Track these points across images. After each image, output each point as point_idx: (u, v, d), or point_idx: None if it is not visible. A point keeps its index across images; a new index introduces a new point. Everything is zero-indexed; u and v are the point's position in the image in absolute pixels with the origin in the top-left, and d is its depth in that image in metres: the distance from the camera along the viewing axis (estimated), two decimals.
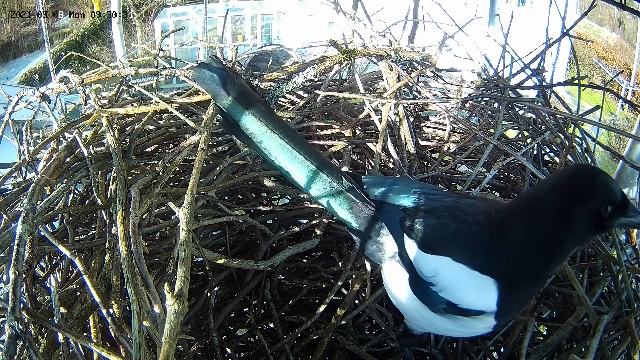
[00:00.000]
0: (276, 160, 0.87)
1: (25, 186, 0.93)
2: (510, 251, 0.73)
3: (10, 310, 0.61)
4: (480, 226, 0.76)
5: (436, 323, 0.81)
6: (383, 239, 0.85)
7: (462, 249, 0.76)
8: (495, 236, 0.75)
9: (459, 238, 0.77)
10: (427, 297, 0.79)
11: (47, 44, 4.95)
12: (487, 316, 0.75)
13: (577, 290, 0.94)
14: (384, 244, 0.85)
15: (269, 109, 0.90)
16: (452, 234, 0.77)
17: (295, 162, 0.86)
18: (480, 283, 0.73)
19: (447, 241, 0.77)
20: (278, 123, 0.87)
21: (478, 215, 0.77)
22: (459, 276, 0.74)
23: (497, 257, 0.74)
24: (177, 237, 0.68)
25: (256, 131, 0.86)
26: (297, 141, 0.87)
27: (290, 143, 0.86)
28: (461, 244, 0.76)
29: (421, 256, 0.78)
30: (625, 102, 5.43)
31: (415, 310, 0.82)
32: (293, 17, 10.76)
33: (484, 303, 0.73)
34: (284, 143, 0.86)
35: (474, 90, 1.31)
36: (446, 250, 0.76)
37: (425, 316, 0.81)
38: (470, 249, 0.76)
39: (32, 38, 13.15)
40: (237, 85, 0.87)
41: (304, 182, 0.86)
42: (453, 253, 0.76)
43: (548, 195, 0.72)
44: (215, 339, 1.13)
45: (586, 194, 0.69)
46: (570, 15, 7.03)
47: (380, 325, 1.17)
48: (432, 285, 0.76)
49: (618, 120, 10.27)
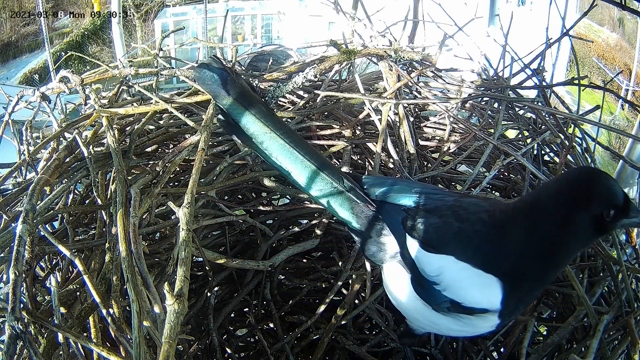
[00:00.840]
0: (277, 161, 0.87)
1: (25, 186, 0.93)
2: (514, 251, 0.73)
3: (10, 310, 0.61)
4: (484, 225, 0.76)
5: (439, 323, 0.81)
6: (384, 239, 0.85)
7: (465, 247, 0.76)
8: (499, 236, 0.75)
9: (462, 237, 0.76)
10: (430, 297, 0.79)
11: (47, 44, 4.96)
12: (491, 315, 0.75)
13: (577, 290, 0.94)
14: (385, 244, 0.85)
15: (269, 109, 0.90)
16: (455, 233, 0.77)
17: (295, 162, 0.86)
18: (484, 282, 0.73)
19: (450, 240, 0.77)
20: (278, 124, 0.87)
21: (482, 214, 0.77)
22: (463, 275, 0.74)
23: (500, 256, 0.74)
24: (177, 237, 0.68)
25: (257, 132, 0.86)
26: (298, 142, 0.87)
27: (290, 144, 0.86)
28: (465, 243, 0.76)
29: (424, 255, 0.78)
30: (625, 102, 5.43)
31: (417, 310, 0.82)
32: (293, 17, 10.76)
33: (488, 301, 0.74)
34: (285, 144, 0.86)
35: (474, 90, 1.31)
36: (450, 249, 0.76)
37: (427, 316, 0.81)
38: (474, 247, 0.76)
39: (32, 38, 13.15)
40: (237, 86, 0.87)
41: (304, 183, 0.86)
42: (457, 252, 0.75)
43: (551, 199, 0.72)
44: (215, 339, 1.13)
45: (589, 199, 0.69)
46: (570, 15, 7.03)
47: (380, 325, 1.17)
48: (435, 285, 0.76)
49: (618, 120, 10.27)
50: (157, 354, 0.56)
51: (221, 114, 0.89)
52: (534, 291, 0.78)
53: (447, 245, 0.77)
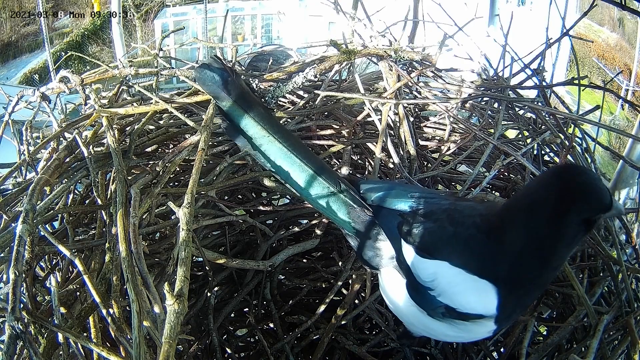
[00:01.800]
0: (275, 165, 0.87)
1: (25, 186, 0.93)
2: (508, 256, 0.73)
3: (10, 310, 0.61)
4: (478, 230, 0.75)
5: (434, 328, 0.80)
6: (380, 244, 0.84)
7: (460, 252, 0.75)
8: (493, 240, 0.74)
9: (457, 241, 0.76)
10: (425, 302, 0.78)
11: (47, 44, 4.96)
12: (487, 320, 0.75)
13: (577, 290, 0.94)
14: (382, 249, 0.85)
15: (268, 111, 0.90)
16: (450, 237, 0.77)
17: (293, 166, 0.86)
18: (480, 286, 0.73)
19: (445, 245, 0.77)
20: (276, 126, 0.87)
21: (476, 218, 0.77)
22: (457, 280, 0.74)
23: (495, 260, 0.74)
24: (177, 237, 0.68)
25: (255, 134, 0.86)
26: (295, 145, 0.87)
27: (288, 147, 0.86)
28: (459, 248, 0.76)
29: (419, 261, 0.77)
30: (625, 102, 5.43)
31: (413, 315, 0.82)
32: (293, 17, 10.76)
33: (484, 307, 0.73)
34: (282, 147, 0.86)
35: (474, 90, 1.30)
36: (444, 254, 0.76)
37: (423, 322, 0.81)
38: (468, 252, 0.75)
39: (32, 38, 13.15)
40: (237, 87, 0.87)
41: (301, 187, 0.86)
42: (451, 257, 0.75)
43: (542, 203, 0.71)
44: (215, 339, 1.13)
45: (581, 204, 0.69)
46: (570, 15, 7.04)
47: (380, 325, 1.17)
48: (430, 290, 0.76)
49: (618, 120, 10.27)
50: (157, 354, 0.56)
51: (221, 114, 0.89)
52: (530, 295, 0.78)
53: (442, 250, 0.76)
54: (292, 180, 0.87)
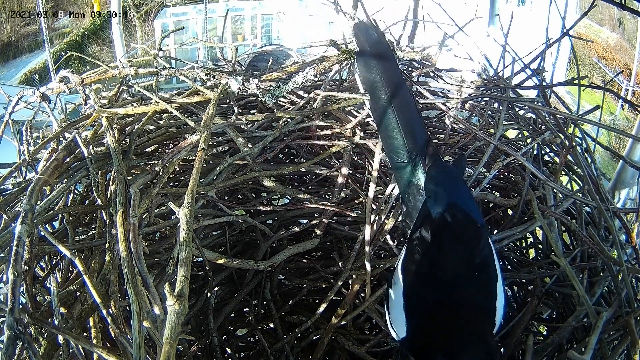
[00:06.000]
0: (381, 122, 0.94)
1: (25, 186, 0.93)
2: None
3: (9, 311, 0.61)
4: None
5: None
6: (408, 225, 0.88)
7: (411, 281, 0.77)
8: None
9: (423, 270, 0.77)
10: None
11: (47, 44, 4.95)
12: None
13: (577, 290, 0.94)
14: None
15: (399, 76, 0.97)
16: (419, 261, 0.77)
17: (391, 124, 0.91)
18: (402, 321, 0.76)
19: (413, 270, 0.78)
20: (394, 87, 0.92)
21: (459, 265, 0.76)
22: (397, 312, 0.77)
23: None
24: (177, 237, 0.68)
25: (377, 90, 0.93)
26: (402, 107, 0.91)
27: (397, 112, 0.90)
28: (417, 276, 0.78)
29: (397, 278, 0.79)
30: (625, 102, 5.43)
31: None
32: (293, 17, 10.75)
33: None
34: (393, 111, 0.90)
35: (474, 90, 1.30)
36: (405, 279, 0.78)
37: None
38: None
39: (32, 38, 13.15)
40: (381, 49, 0.96)
41: (387, 144, 0.93)
42: (405, 281, 0.77)
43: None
44: (215, 339, 1.13)
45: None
46: (570, 15, 7.04)
47: (380, 325, 1.17)
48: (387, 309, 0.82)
49: (618, 120, 10.27)
50: (158, 354, 0.56)
51: (360, 62, 0.99)
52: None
53: (407, 273, 0.78)
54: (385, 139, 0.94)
